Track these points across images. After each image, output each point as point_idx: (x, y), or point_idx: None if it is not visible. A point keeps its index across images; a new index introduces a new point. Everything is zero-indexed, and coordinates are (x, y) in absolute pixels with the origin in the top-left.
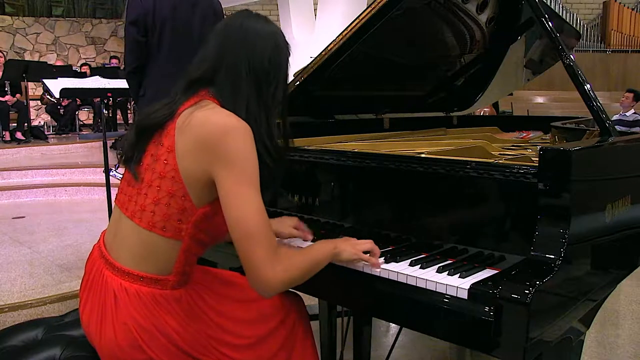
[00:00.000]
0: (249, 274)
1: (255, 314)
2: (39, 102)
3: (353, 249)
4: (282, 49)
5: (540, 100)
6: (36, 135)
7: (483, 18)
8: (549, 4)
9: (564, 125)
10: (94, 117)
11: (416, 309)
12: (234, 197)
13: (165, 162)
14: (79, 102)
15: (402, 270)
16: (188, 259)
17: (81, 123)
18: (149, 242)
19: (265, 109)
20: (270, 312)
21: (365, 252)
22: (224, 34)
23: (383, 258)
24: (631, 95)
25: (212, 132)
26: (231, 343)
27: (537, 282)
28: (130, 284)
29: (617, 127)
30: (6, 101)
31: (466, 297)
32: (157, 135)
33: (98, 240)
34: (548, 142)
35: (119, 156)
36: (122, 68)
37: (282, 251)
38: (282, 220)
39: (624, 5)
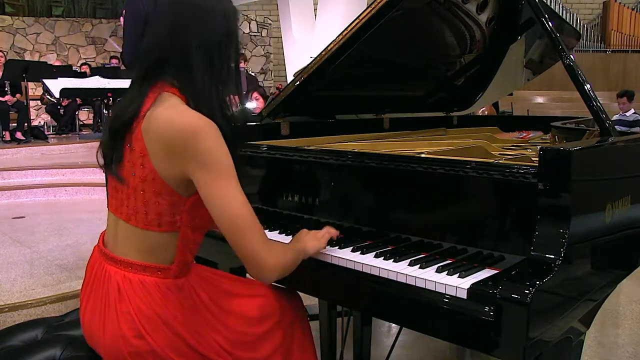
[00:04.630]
0: (249, 263)
1: (254, 312)
2: (39, 102)
3: (319, 243)
4: (230, 18)
5: (540, 100)
6: (36, 135)
7: (483, 18)
8: (549, 4)
9: (564, 125)
10: (94, 117)
11: (415, 308)
12: (216, 195)
13: (142, 166)
14: (79, 101)
15: (402, 270)
16: (187, 247)
17: (81, 123)
18: (148, 239)
19: (219, 84)
20: (267, 311)
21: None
22: (170, 12)
23: (382, 257)
24: (625, 97)
25: (177, 137)
26: (228, 337)
27: (537, 282)
28: (134, 275)
29: (617, 127)
30: (6, 101)
31: (465, 297)
32: (128, 138)
33: (97, 242)
34: (548, 142)
35: (100, 162)
36: (121, 68)
37: (272, 241)
38: None
39: (624, 5)
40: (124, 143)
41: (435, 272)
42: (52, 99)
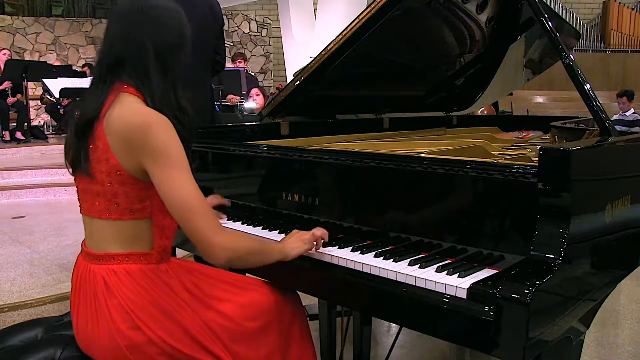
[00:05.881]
0: (198, 243)
1: (248, 303)
2: (39, 102)
3: (303, 246)
4: (183, 26)
5: (540, 100)
6: (36, 135)
7: (483, 18)
8: (549, 4)
9: (564, 125)
10: None
11: (415, 308)
12: (167, 183)
13: (107, 161)
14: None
15: (402, 270)
16: (163, 233)
17: None
18: (124, 229)
19: (172, 84)
20: (264, 308)
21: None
22: (129, 15)
23: (382, 257)
24: (625, 97)
25: (133, 132)
26: (221, 324)
27: (537, 282)
28: (118, 266)
29: (617, 127)
30: (7, 90)
31: (465, 297)
32: (92, 137)
33: (81, 251)
34: (548, 142)
35: (68, 165)
36: None
37: (229, 229)
38: None
39: (624, 5)
40: (88, 142)
41: (435, 272)
42: (52, 99)
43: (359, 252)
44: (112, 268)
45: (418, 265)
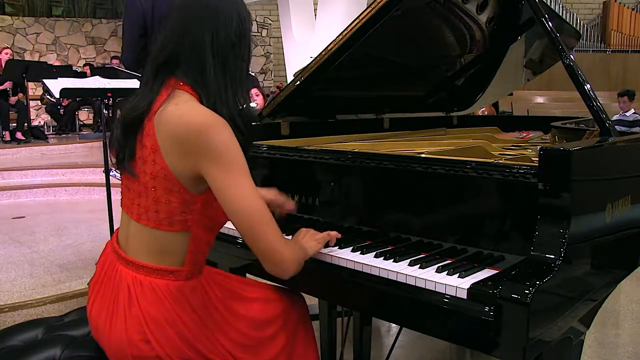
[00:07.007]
0: (266, 258)
1: (260, 315)
2: (39, 102)
3: (317, 245)
4: (245, 20)
5: (540, 100)
6: (36, 135)
7: (483, 18)
8: (549, 4)
9: (564, 125)
10: (94, 117)
11: (415, 309)
12: (230, 190)
13: (154, 162)
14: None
15: (402, 270)
16: (199, 248)
17: (81, 123)
18: (159, 239)
19: (232, 84)
20: (273, 314)
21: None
22: (185, 10)
23: (382, 257)
24: (626, 97)
25: (190, 132)
26: (235, 340)
27: (537, 282)
28: (145, 277)
29: (617, 127)
30: (7, 90)
31: (465, 297)
32: (140, 134)
33: (111, 238)
34: (548, 142)
35: (113, 159)
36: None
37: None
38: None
39: (624, 5)
40: (135, 139)
41: (435, 272)
42: (52, 99)
43: (359, 252)
44: (138, 277)
45: (418, 265)
